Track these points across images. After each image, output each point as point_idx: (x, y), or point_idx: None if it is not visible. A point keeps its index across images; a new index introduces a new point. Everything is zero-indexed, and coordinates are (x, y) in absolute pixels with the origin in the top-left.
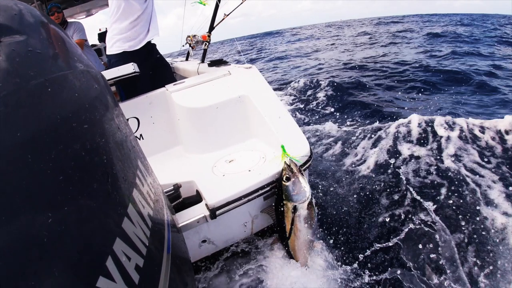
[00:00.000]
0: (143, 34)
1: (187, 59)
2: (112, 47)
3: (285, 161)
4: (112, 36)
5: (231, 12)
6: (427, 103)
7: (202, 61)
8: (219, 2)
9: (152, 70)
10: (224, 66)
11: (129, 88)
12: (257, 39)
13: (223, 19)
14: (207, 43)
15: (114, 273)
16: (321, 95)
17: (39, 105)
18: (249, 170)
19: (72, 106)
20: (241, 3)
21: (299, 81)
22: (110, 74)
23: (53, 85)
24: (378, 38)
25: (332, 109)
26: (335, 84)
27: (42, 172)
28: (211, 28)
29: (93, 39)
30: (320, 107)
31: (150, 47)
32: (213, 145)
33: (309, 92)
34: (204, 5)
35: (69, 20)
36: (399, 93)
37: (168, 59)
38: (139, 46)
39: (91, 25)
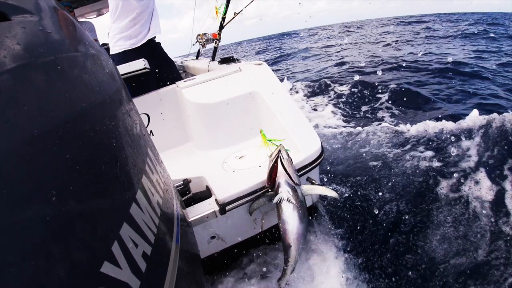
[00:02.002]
0: (144, 33)
1: (197, 58)
2: (114, 47)
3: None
4: (113, 35)
5: (241, 11)
6: None
7: (213, 59)
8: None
9: (157, 68)
10: (235, 64)
11: (136, 85)
12: (274, 40)
13: (233, 18)
14: (217, 41)
15: (120, 259)
16: (386, 114)
17: (48, 82)
18: (259, 166)
19: (82, 86)
20: (251, 1)
21: (341, 86)
22: (120, 70)
23: (63, 64)
24: (408, 37)
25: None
26: (399, 91)
27: (47, 148)
28: (221, 26)
29: (104, 39)
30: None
31: (153, 45)
32: (223, 141)
33: (364, 107)
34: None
35: (80, 19)
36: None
37: (178, 58)
38: (140, 43)
39: (102, 24)
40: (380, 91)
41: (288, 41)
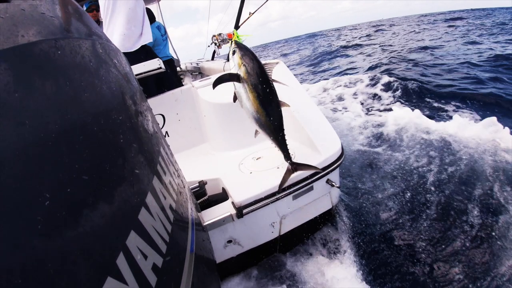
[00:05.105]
0: (136, 36)
1: (212, 59)
2: None
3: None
4: (109, 36)
5: (256, 11)
6: None
7: (228, 59)
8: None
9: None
10: None
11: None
12: (302, 40)
13: (248, 18)
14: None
15: (126, 274)
16: None
17: (47, 63)
18: (278, 167)
19: (84, 72)
20: (265, 1)
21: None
22: (135, 69)
23: (64, 48)
24: (460, 33)
25: None
26: None
27: (40, 137)
28: (237, 26)
29: None
30: None
31: (148, 50)
32: (240, 142)
33: None
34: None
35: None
36: None
37: (193, 59)
38: (134, 49)
39: None
40: None
41: (318, 41)
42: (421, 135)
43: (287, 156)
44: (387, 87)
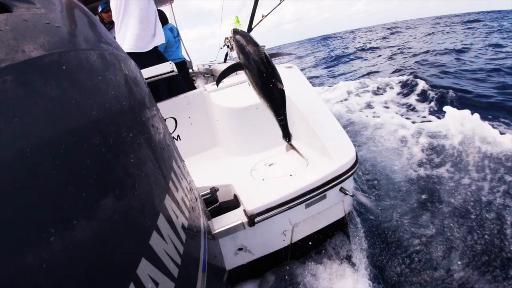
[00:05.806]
0: (149, 36)
1: (225, 61)
2: (122, 46)
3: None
4: (121, 35)
5: (269, 13)
6: None
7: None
8: (257, 2)
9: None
10: None
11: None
12: (316, 42)
13: (261, 20)
14: None
15: None
16: None
17: (49, 81)
18: (290, 175)
19: (92, 88)
20: (280, 3)
21: None
22: (147, 73)
23: (70, 61)
24: (481, 37)
25: None
26: None
27: (41, 167)
28: (250, 28)
29: None
30: None
31: (159, 53)
32: (252, 148)
33: None
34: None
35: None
36: None
37: (206, 62)
38: (147, 49)
39: None
40: None
41: (332, 43)
42: (486, 148)
43: (285, 135)
44: (423, 96)
